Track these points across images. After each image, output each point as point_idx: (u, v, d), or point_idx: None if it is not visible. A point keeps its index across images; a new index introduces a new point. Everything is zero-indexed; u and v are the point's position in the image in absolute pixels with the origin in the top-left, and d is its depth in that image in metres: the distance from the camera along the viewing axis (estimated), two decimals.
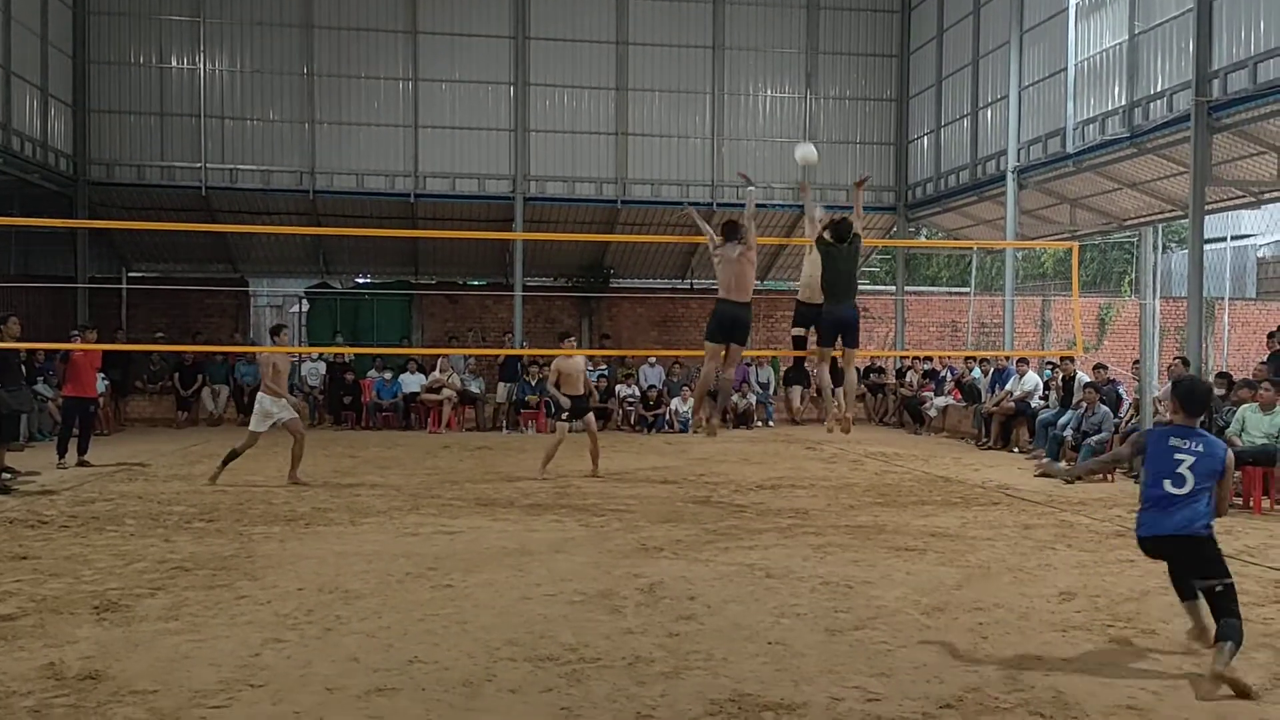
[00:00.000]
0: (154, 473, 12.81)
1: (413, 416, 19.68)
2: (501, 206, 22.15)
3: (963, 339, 25.50)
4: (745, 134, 22.87)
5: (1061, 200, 20.08)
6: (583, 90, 22.22)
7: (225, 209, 21.77)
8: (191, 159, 21.08)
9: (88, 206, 20.66)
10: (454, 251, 24.03)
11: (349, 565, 7.54)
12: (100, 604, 6.34)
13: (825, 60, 23.05)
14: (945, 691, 4.90)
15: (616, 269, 24.85)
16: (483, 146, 21.90)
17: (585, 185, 22.34)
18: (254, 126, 21.35)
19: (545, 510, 10.18)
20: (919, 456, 15.41)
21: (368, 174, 21.61)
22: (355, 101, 21.54)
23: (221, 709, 4.61)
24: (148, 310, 22.82)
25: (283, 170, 21.41)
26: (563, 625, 6.00)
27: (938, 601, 6.61)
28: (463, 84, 21.82)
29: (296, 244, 23.67)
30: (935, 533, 9.10)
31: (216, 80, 21.20)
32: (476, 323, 24.21)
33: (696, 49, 22.50)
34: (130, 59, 20.91)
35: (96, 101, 20.80)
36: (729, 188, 22.79)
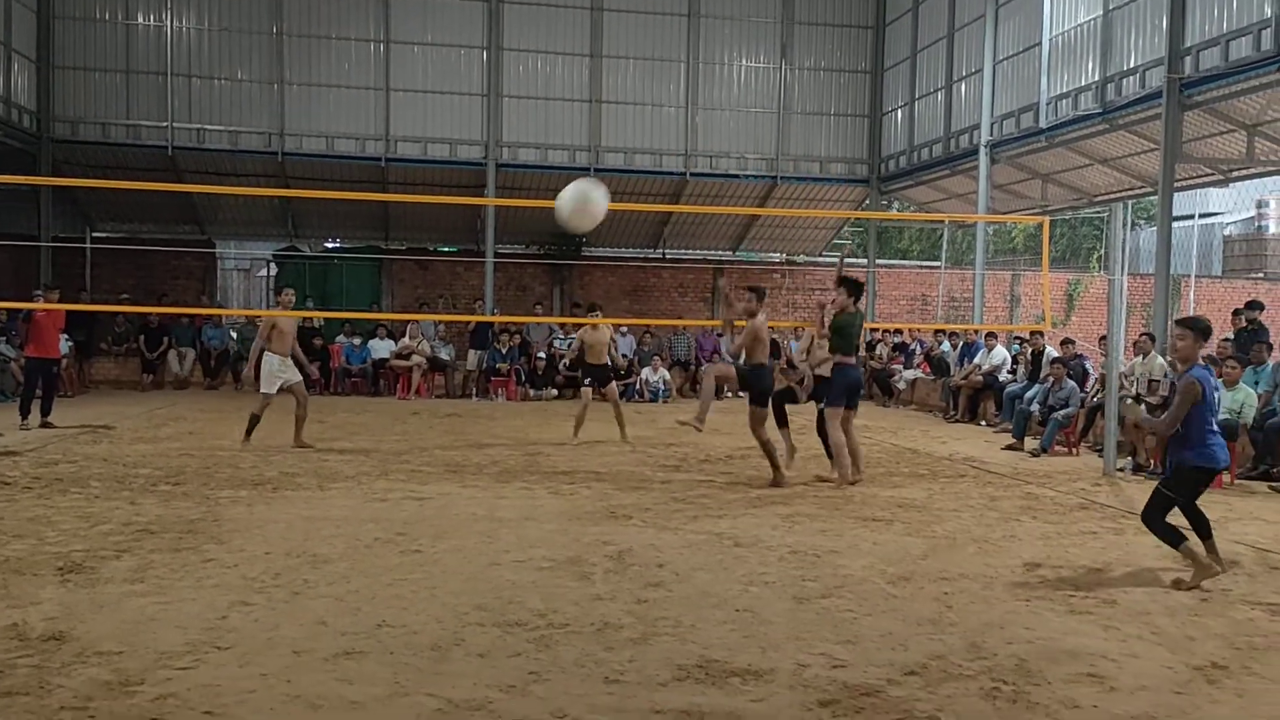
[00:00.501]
0: (119, 435, 12.69)
1: (382, 383, 19.58)
2: (473, 172, 21.98)
3: (933, 312, 25.65)
4: (720, 104, 22.79)
5: (1033, 175, 20.18)
6: (557, 56, 22.03)
7: (192, 169, 21.47)
8: (158, 118, 20.75)
9: (51, 164, 20.32)
10: (425, 217, 23.86)
11: (317, 530, 7.51)
12: (64, 565, 6.29)
13: (801, 30, 22.96)
14: (909, 659, 4.96)
15: (589, 237, 24.75)
16: (455, 111, 21.70)
17: (558, 152, 22.21)
18: (222, 86, 21.04)
19: (515, 477, 10.18)
20: (887, 429, 15.51)
21: (338, 137, 21.37)
22: (325, 63, 21.26)
23: (188, 670, 4.59)
24: (113, 271, 22.52)
25: (251, 131, 21.12)
26: (531, 591, 6.01)
27: (904, 571, 6.67)
28: (435, 47, 21.58)
29: (265, 206, 23.42)
30: (903, 504, 9.18)
31: (184, 38, 20.85)
32: (447, 289, 24.09)
33: (672, 16, 22.35)
34: (96, 15, 20.53)
35: (61, 58, 20.41)
36: (702, 157, 22.73)
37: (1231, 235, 32.05)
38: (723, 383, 10.59)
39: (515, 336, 19.85)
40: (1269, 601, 6.12)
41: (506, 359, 19.49)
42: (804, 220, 25.42)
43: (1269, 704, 4.51)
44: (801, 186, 23.65)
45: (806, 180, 23.48)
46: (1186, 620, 5.71)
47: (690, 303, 25.13)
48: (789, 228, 25.75)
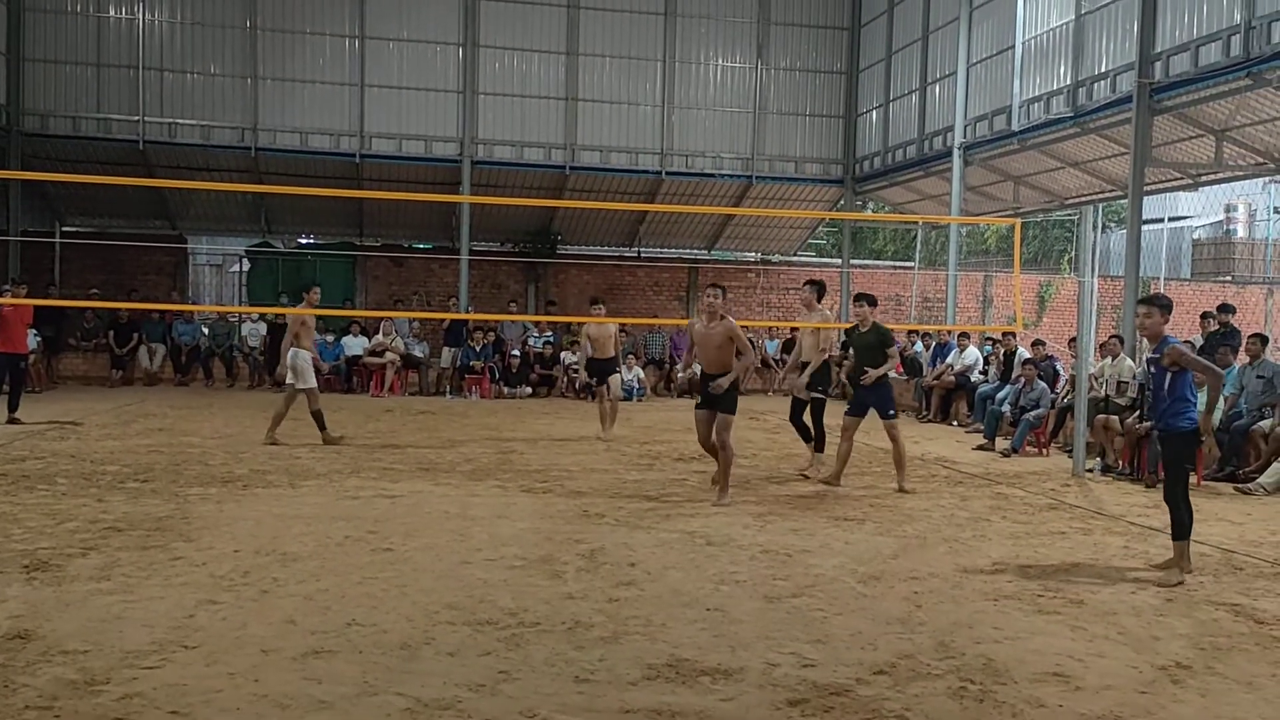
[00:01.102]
0: (87, 432, 12.57)
1: (355, 380, 19.48)
2: (448, 169, 21.90)
3: (906, 312, 25.78)
4: (695, 103, 22.80)
5: (1006, 178, 20.32)
6: (533, 54, 21.97)
7: (164, 164, 21.26)
8: (129, 112, 20.54)
9: (20, 157, 20.05)
10: (399, 213, 23.73)
11: (287, 528, 7.47)
12: (30, 563, 6.23)
13: (777, 31, 23.01)
14: (878, 658, 4.99)
15: (564, 235, 24.73)
16: (430, 108, 21.60)
17: (534, 150, 22.15)
18: (194, 80, 20.85)
19: (487, 475, 10.16)
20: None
21: (312, 132, 21.23)
22: (300, 58, 21.11)
23: (154, 670, 4.56)
24: (82, 266, 22.28)
25: (224, 126, 20.94)
26: (503, 590, 6.00)
27: (874, 570, 6.71)
28: (411, 43, 21.47)
29: (238, 202, 23.25)
30: (874, 504, 9.23)
31: (156, 31, 20.64)
32: (421, 286, 23.99)
33: (648, 15, 22.34)
34: (66, 7, 20.28)
35: (31, 50, 20.17)
36: (677, 156, 22.74)
37: (1200, 239, 32.38)
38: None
39: (489, 334, 19.79)
40: (1233, 602, 6.20)
41: (480, 357, 19.43)
42: (779, 220, 25.48)
43: (1232, 704, 4.57)
44: (777, 186, 23.70)
45: (782, 180, 23.53)
46: (1152, 620, 5.77)
47: (665, 301, 25.15)
48: (764, 227, 25.81)
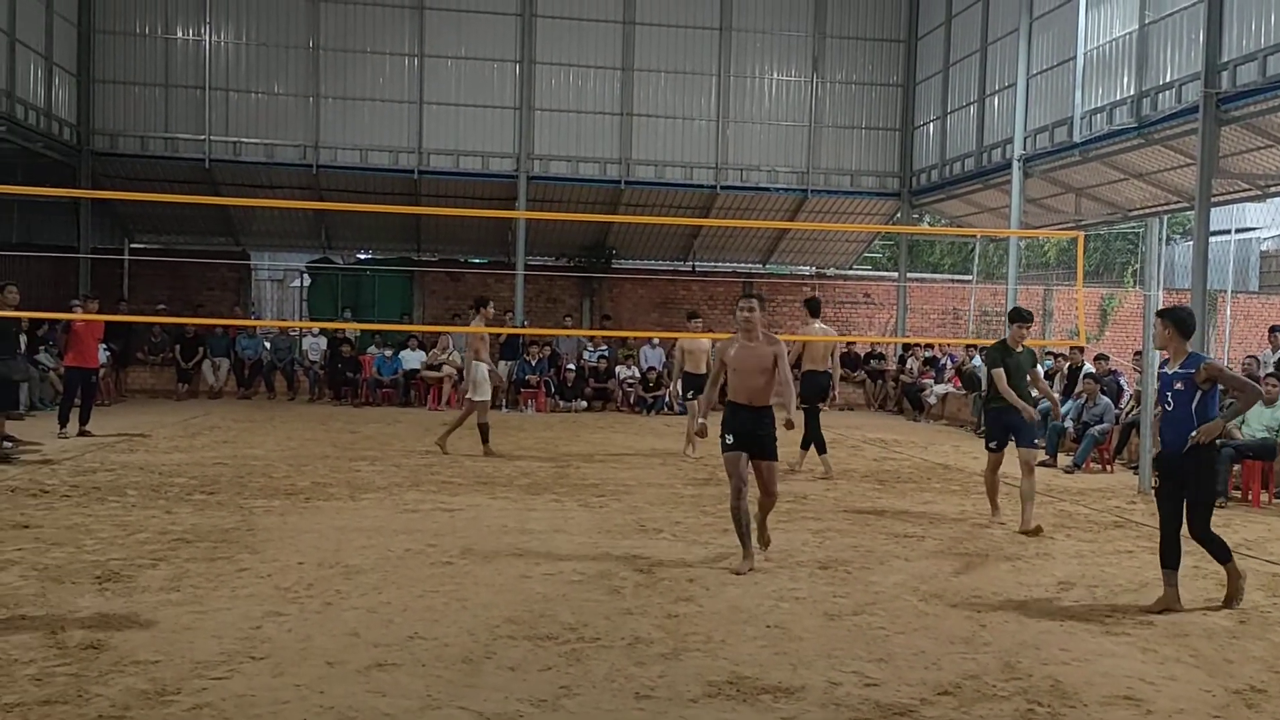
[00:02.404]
0: (155, 444, 12.83)
1: (412, 393, 19.69)
2: (505, 185, 22.09)
3: (964, 326, 25.49)
4: (750, 117, 22.78)
5: (1067, 189, 20.03)
6: (588, 70, 22.12)
7: (228, 182, 21.69)
8: (195, 131, 20.99)
9: (91, 177, 20.58)
10: (456, 229, 23.97)
11: (349, 540, 7.56)
12: (102, 574, 6.36)
13: (832, 44, 22.94)
14: (943, 678, 4.92)
15: (619, 250, 24.80)
16: (487, 124, 21.81)
17: (589, 165, 22.27)
18: (258, 99, 21.27)
19: (544, 490, 10.20)
20: (918, 444, 15.43)
21: (371, 149, 21.54)
22: (360, 76, 21.44)
23: (223, 680, 4.63)
24: (149, 282, 22.77)
25: (286, 144, 21.33)
26: (562, 604, 6.02)
27: (936, 588, 6.63)
28: (468, 60, 21.71)
29: (299, 218, 23.62)
30: (934, 520, 9.12)
31: (221, 52, 21.10)
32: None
33: (703, 30, 22.39)
34: (135, 29, 20.80)
35: (101, 71, 20.71)
36: (732, 170, 22.74)
37: (1269, 250, 31.63)
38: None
39: (545, 348, 19.91)
40: None
41: (536, 370, 19.55)
42: (835, 233, 25.35)
43: None
44: (832, 200, 23.59)
45: (837, 194, 23.42)
46: (1225, 643, 5.63)
47: (720, 316, 25.09)
48: (820, 241, 25.69)
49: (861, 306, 25.73)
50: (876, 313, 25.65)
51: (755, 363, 7.09)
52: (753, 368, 7.10)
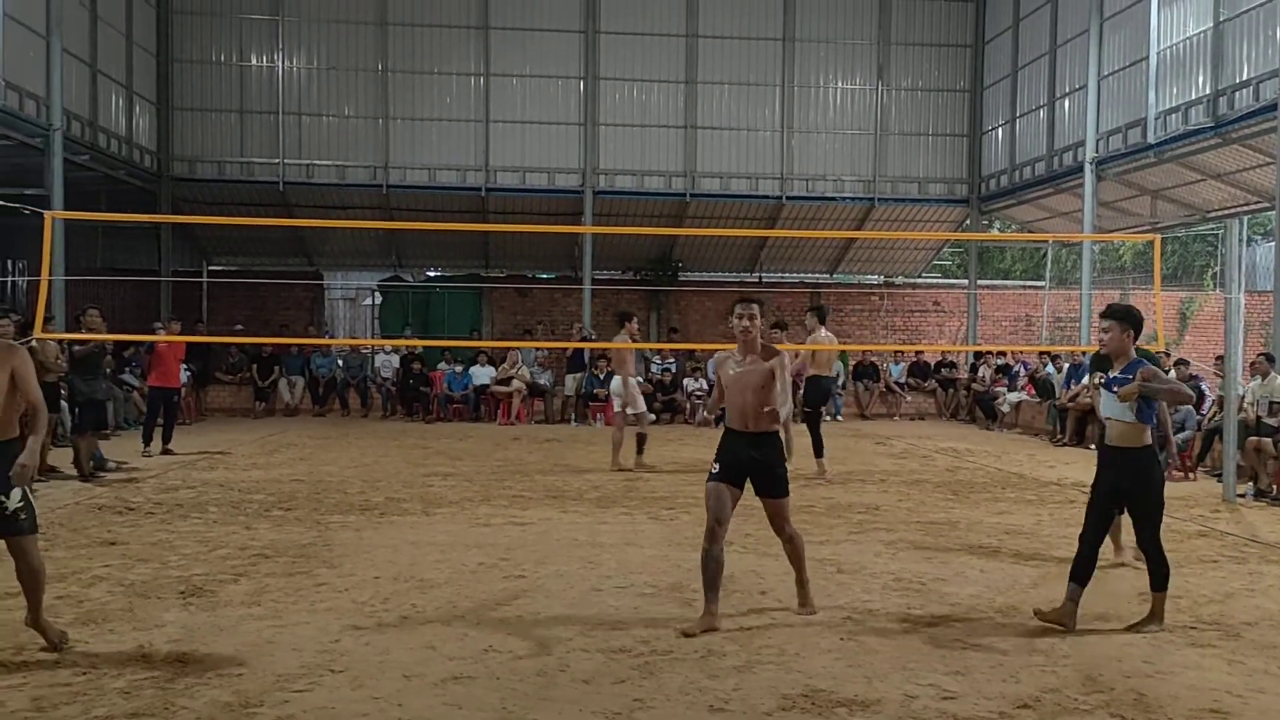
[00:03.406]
0: (234, 462, 13.12)
1: (482, 408, 19.89)
2: (571, 200, 22.27)
3: (1037, 333, 25.07)
4: (815, 126, 22.71)
5: (1142, 192, 19.64)
6: (652, 84, 22.24)
7: (302, 204, 22.17)
8: (269, 155, 21.51)
9: (170, 202, 21.23)
10: (524, 245, 24.21)
11: (423, 555, 7.66)
12: (186, 589, 6.53)
13: (897, 51, 22.78)
14: (1022, 691, 4.84)
15: (685, 262, 24.83)
16: (553, 140, 22.03)
17: (654, 179, 22.37)
18: (330, 122, 21.73)
19: (614, 503, 10.23)
20: (991, 453, 15.19)
21: (440, 168, 21.88)
22: (428, 97, 21.81)
23: (304, 693, 4.73)
24: (227, 303, 23.33)
25: (357, 165, 21.76)
26: (634, 617, 6.04)
27: (1013, 600, 6.53)
28: (533, 78, 21.97)
29: (370, 238, 24.03)
30: (1009, 530, 8.98)
31: (294, 77, 21.61)
32: (545, 315, 24.37)
33: (766, 41, 22.39)
34: (212, 57, 21.41)
35: (179, 99, 21.33)
36: (798, 180, 22.68)
37: None
38: None
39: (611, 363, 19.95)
40: None
41: (604, 384, 19.60)
42: (903, 241, 25.14)
43: None
44: (900, 208, 23.40)
45: (905, 201, 23.23)
46: None
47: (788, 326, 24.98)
48: (888, 249, 25.49)
49: (931, 314, 25.44)
50: (946, 320, 25.34)
51: (751, 380, 5.97)
52: (747, 385, 5.98)
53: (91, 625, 5.71)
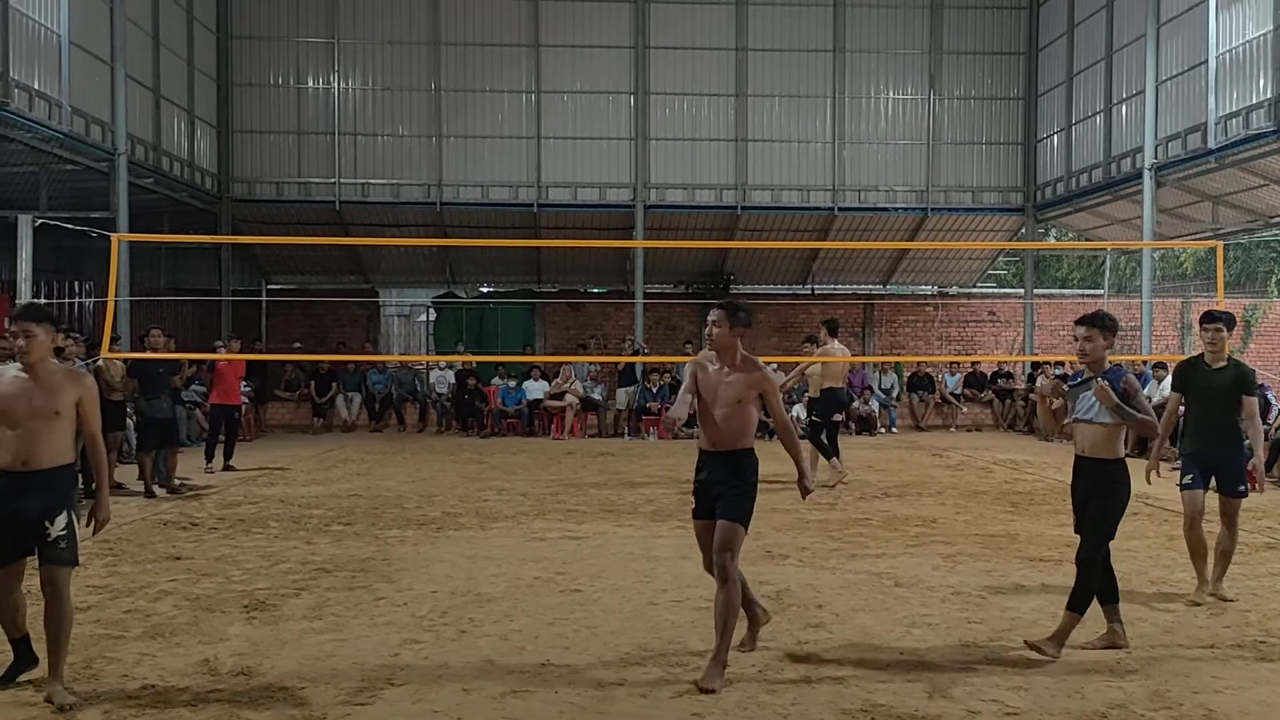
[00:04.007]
0: (294, 477, 13.32)
1: (536, 423, 19.99)
2: (622, 215, 22.36)
3: None
4: (867, 137, 22.62)
5: (1203, 198, 19.28)
6: (702, 97, 22.30)
7: (357, 222, 22.50)
8: (326, 175, 21.87)
9: (231, 222, 21.66)
10: (576, 260, 24.34)
11: (480, 569, 7.72)
12: (249, 603, 6.63)
13: (949, 60, 22.63)
14: (1088, 707, 4.77)
15: (737, 275, 24.79)
16: (604, 156, 22.16)
17: (705, 192, 22.40)
18: (384, 142, 22.05)
19: (669, 516, 10.23)
20: (1051, 464, 14.96)
21: (492, 185, 22.09)
22: (480, 115, 22.05)
23: (365, 706, 4.79)
24: (285, 321, 23.72)
25: (411, 183, 22.04)
26: (690, 631, 6.03)
27: None
28: (584, 94, 22.12)
29: (424, 255, 24.31)
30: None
31: (350, 98, 21.97)
32: (598, 330, 24.45)
33: (816, 53, 22.35)
34: (270, 80, 21.84)
35: (239, 122, 21.77)
36: (850, 191, 22.58)
37: None
38: None
39: (665, 375, 20.00)
40: None
41: (657, 398, 19.64)
42: (957, 251, 24.90)
43: None
44: (954, 217, 23.20)
45: (959, 211, 23.03)
46: None
47: (841, 338, 24.74)
48: (942, 259, 25.26)
49: (986, 325, 25.16)
50: (1002, 330, 25.03)
51: (725, 393, 5.41)
52: (720, 399, 5.41)
53: (159, 639, 5.82)
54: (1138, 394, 5.75)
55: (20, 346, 4.88)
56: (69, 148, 15.23)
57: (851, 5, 22.30)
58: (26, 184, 15.92)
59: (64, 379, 5.03)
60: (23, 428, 4.86)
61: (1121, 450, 5.76)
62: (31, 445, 4.87)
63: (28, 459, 4.87)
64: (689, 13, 22.11)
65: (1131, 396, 5.69)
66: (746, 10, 22.14)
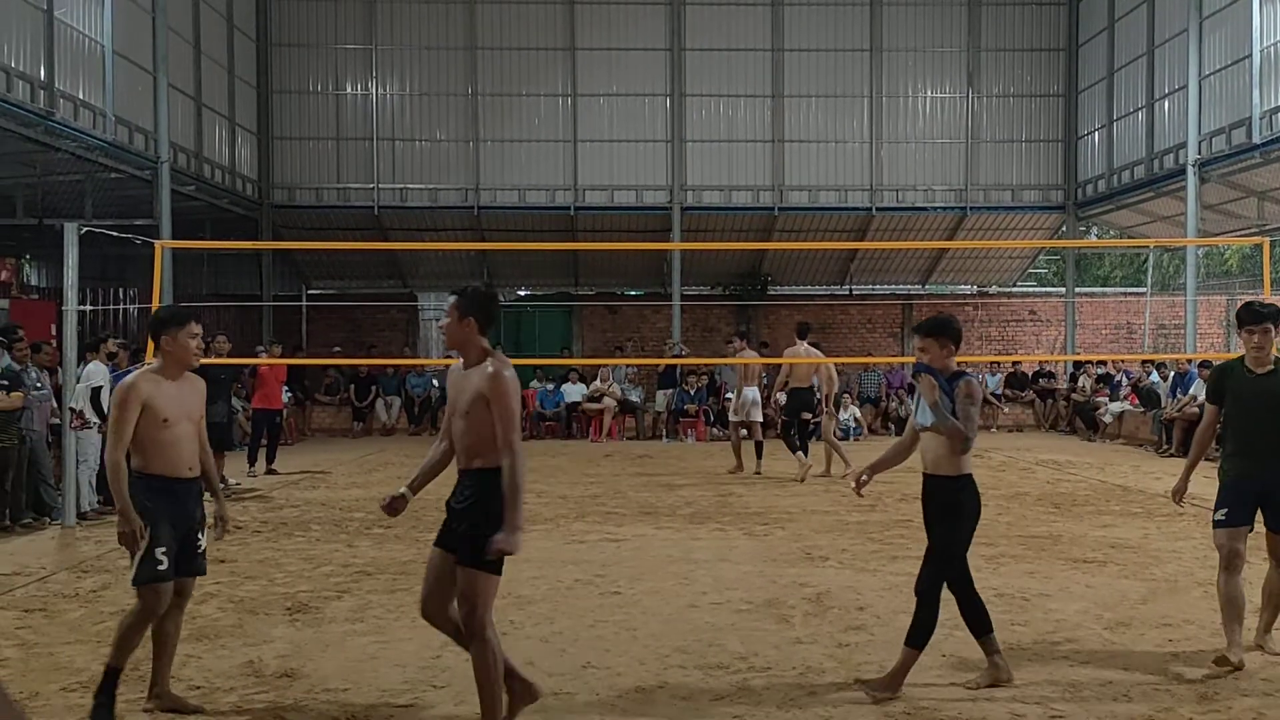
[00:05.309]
0: (334, 481, 13.44)
1: (574, 425, 20.03)
2: (659, 217, 22.38)
3: (1139, 341, 24.36)
4: (904, 136, 22.49)
5: (1248, 193, 18.99)
6: (738, 99, 22.27)
7: (396, 227, 22.69)
8: (365, 180, 22.06)
9: (271, 228, 21.89)
10: (613, 262, 24.39)
11: (520, 571, 7.72)
12: (292, 605, 6.70)
13: (988, 57, 22.45)
14: (1135, 711, 4.71)
15: (774, 276, 24.72)
16: (640, 158, 22.19)
17: (742, 193, 22.36)
18: (422, 147, 22.22)
19: (708, 519, 10.22)
20: (1094, 464, 14.79)
21: (529, 189, 22.19)
22: (517, 119, 22.15)
23: (408, 708, 4.82)
24: (325, 325, 23.94)
25: (449, 188, 22.19)
26: (731, 634, 6.02)
27: (1122, 616, 6.34)
28: (620, 97, 22.16)
29: (462, 259, 24.43)
30: (1115, 544, 8.72)
31: (388, 104, 22.15)
32: (635, 332, 24.47)
33: (853, 53, 22.25)
34: (309, 87, 22.08)
35: (279, 129, 22.02)
36: (888, 191, 22.46)
37: None
38: None
39: (703, 377, 19.98)
40: None
41: (695, 400, 19.63)
42: (997, 250, 24.68)
43: None
44: (993, 216, 23.01)
45: (998, 209, 22.84)
46: None
47: (879, 339, 24.69)
48: (981, 258, 25.04)
49: (1027, 324, 24.91)
50: (1043, 330, 24.78)
51: (462, 399, 4.47)
52: (458, 406, 4.51)
53: (204, 640, 5.89)
54: (971, 402, 5.00)
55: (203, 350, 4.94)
56: (113, 156, 15.46)
57: (889, 4, 22.18)
58: (72, 192, 16.18)
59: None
60: (190, 431, 4.89)
61: (966, 465, 5.07)
62: (195, 451, 4.93)
63: (193, 465, 4.91)
64: (724, 14, 22.08)
65: (961, 401, 4.96)
66: (782, 11, 22.09)
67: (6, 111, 12.75)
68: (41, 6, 13.70)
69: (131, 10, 16.06)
